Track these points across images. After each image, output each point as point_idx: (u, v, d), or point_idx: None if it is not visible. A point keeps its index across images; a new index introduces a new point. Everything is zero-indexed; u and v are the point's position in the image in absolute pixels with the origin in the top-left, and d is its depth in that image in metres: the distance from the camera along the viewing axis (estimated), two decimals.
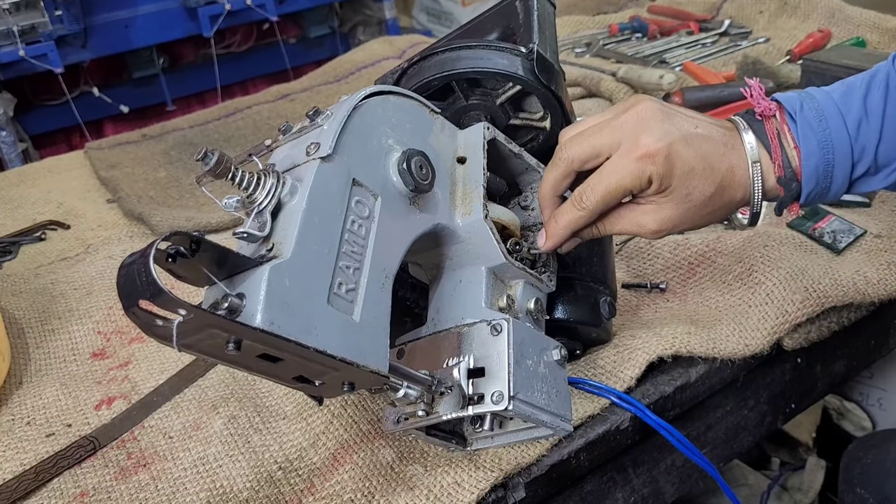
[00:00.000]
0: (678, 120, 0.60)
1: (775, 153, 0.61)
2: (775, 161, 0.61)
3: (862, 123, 0.61)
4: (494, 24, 0.76)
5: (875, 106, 0.61)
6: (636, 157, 0.58)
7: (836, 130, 0.60)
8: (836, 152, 0.61)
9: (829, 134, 0.60)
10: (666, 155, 0.57)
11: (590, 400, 0.69)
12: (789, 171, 0.61)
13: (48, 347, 0.87)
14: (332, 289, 0.49)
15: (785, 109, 0.62)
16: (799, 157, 0.61)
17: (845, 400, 1.40)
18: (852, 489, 0.94)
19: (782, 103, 0.62)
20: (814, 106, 0.61)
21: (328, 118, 0.53)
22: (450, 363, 0.56)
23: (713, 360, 0.74)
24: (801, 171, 0.61)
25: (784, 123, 0.61)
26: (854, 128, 0.61)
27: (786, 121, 0.61)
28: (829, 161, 0.61)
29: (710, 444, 0.81)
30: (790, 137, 0.61)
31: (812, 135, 0.60)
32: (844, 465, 0.98)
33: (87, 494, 0.67)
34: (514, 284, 0.63)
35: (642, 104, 0.60)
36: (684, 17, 1.61)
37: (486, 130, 0.63)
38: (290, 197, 0.49)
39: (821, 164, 0.61)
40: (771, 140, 0.61)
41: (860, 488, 0.93)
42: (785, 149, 0.61)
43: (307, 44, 2.78)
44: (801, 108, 0.61)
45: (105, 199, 1.21)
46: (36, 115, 2.37)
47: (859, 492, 0.93)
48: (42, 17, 2.10)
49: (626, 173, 0.58)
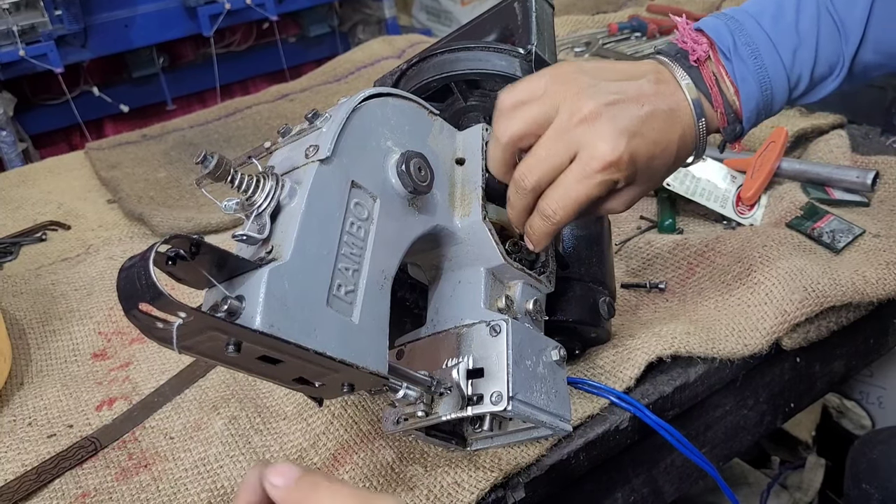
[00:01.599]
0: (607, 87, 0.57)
1: (716, 100, 0.60)
2: (717, 109, 0.60)
3: (797, 51, 0.60)
4: (493, 25, 0.77)
5: (807, 30, 0.61)
6: (598, 169, 0.55)
7: (771, 65, 0.60)
8: (773, 87, 0.61)
9: (766, 70, 0.60)
10: (628, 160, 0.56)
11: (589, 400, 0.69)
12: (731, 115, 0.61)
13: (49, 348, 0.88)
14: (332, 290, 0.49)
15: (718, 48, 0.61)
16: (739, 99, 0.60)
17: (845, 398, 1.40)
18: (858, 485, 0.94)
19: (714, 41, 0.61)
20: (746, 41, 0.60)
21: (327, 120, 0.53)
22: (449, 364, 0.57)
23: (712, 359, 0.74)
24: (741, 113, 0.61)
25: (720, 65, 0.60)
26: (789, 58, 0.60)
27: (721, 62, 0.60)
28: (768, 97, 0.61)
29: (709, 443, 0.81)
30: (728, 81, 0.60)
31: (750, 76, 0.60)
32: (851, 460, 0.98)
33: (88, 495, 0.67)
34: (512, 285, 0.63)
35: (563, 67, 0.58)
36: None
37: (484, 132, 0.63)
38: (289, 199, 0.49)
39: (761, 101, 0.61)
40: (710, 88, 0.60)
41: (866, 484, 0.93)
42: (725, 94, 0.60)
43: (307, 43, 2.78)
44: (734, 46, 0.60)
45: (105, 200, 1.21)
46: (36, 115, 2.37)
47: (865, 487, 0.93)
48: (42, 16, 2.10)
49: (592, 186, 0.56)
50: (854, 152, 1.01)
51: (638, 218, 0.99)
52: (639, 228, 0.97)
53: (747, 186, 0.95)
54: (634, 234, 0.95)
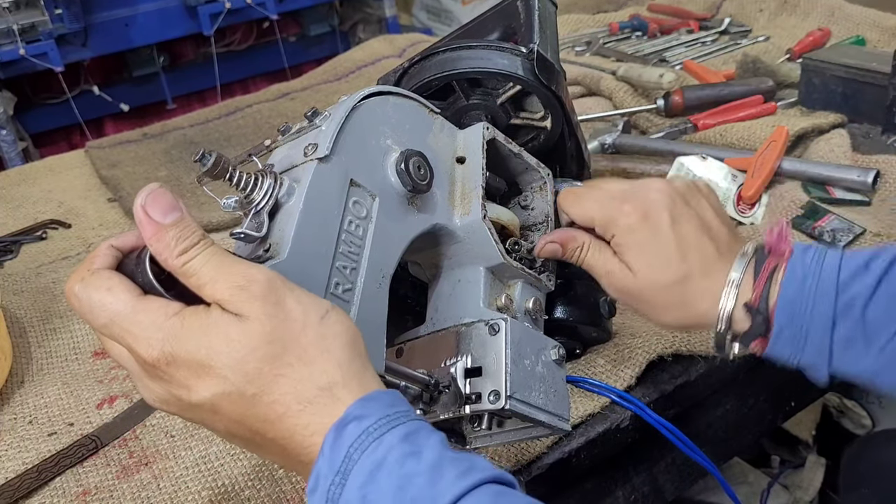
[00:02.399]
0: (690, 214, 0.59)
1: (759, 282, 0.56)
2: (756, 290, 0.56)
3: (856, 276, 0.54)
4: (495, 23, 0.77)
5: (876, 266, 0.54)
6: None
7: (826, 273, 0.54)
8: (818, 293, 0.54)
9: (819, 273, 0.54)
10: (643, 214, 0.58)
11: (590, 398, 0.69)
12: (763, 304, 0.55)
13: (50, 346, 0.88)
14: (329, 289, 0.49)
15: (793, 251, 0.57)
16: (779, 291, 0.55)
17: (845, 398, 1.40)
18: (855, 488, 0.94)
19: (794, 248, 0.57)
20: (819, 252, 0.56)
21: (326, 119, 0.53)
22: (448, 362, 0.57)
23: (713, 358, 0.74)
24: (775, 306, 0.55)
25: (784, 263, 0.56)
26: (847, 277, 0.54)
27: (786, 261, 0.56)
28: (808, 301, 0.54)
29: (710, 442, 0.81)
30: (780, 277, 0.55)
31: (800, 267, 0.55)
32: (846, 464, 0.98)
33: (89, 493, 0.67)
34: (512, 284, 0.63)
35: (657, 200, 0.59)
36: (684, 16, 1.61)
37: (485, 130, 0.63)
38: (287, 197, 0.49)
39: (797, 298, 0.54)
40: (763, 271, 0.56)
41: (863, 487, 0.93)
42: (770, 284, 0.56)
43: (307, 42, 2.78)
44: (804, 249, 0.56)
45: (106, 198, 1.21)
46: (36, 114, 2.37)
47: (862, 491, 0.93)
48: (42, 15, 2.09)
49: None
50: (855, 151, 1.01)
51: None
52: None
53: (748, 185, 0.95)
54: None
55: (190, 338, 0.40)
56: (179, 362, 0.41)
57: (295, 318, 0.42)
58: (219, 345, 0.40)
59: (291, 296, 0.42)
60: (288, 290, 0.43)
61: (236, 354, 0.40)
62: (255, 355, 0.40)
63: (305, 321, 0.42)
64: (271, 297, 0.41)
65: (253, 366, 0.40)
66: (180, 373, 0.41)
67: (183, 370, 0.41)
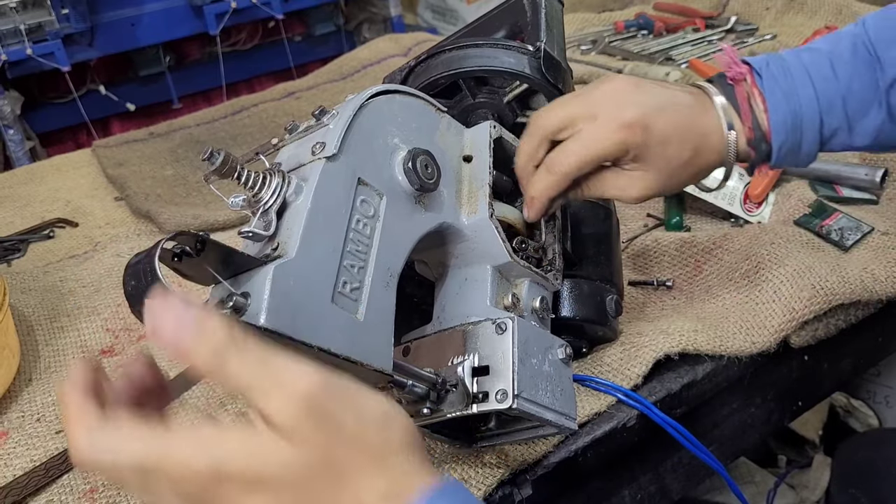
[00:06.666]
0: (650, 90, 0.62)
1: (745, 115, 0.62)
2: (745, 123, 0.62)
3: (828, 77, 0.62)
4: (502, 21, 0.77)
5: (842, 60, 0.62)
6: (614, 128, 0.59)
7: (800, 82, 0.62)
8: (802, 104, 0.62)
9: (794, 85, 0.62)
10: (643, 126, 0.59)
11: (596, 397, 0.69)
12: (759, 133, 0.62)
13: (57, 344, 0.88)
14: (337, 288, 0.49)
15: (753, 69, 0.63)
16: (767, 114, 0.62)
17: (852, 398, 1.39)
18: (845, 489, 0.94)
19: (752, 65, 0.64)
20: (780, 63, 0.63)
21: (334, 117, 0.53)
22: (455, 361, 0.57)
23: (720, 357, 0.73)
24: (769, 130, 0.62)
25: (754, 86, 0.63)
26: (820, 80, 0.62)
27: (755, 83, 0.63)
28: (797, 113, 0.62)
29: (716, 441, 0.81)
30: (760, 100, 0.62)
31: (777, 88, 0.62)
32: (836, 464, 0.97)
33: (96, 491, 0.67)
34: (519, 283, 0.63)
35: (615, 80, 0.62)
36: (690, 14, 1.60)
37: (492, 129, 0.63)
38: (295, 196, 0.49)
39: (788, 116, 0.62)
40: (741, 103, 0.62)
41: (853, 488, 0.92)
42: (755, 111, 0.62)
43: (312, 41, 2.78)
44: (766, 66, 0.63)
45: (113, 197, 1.22)
46: (43, 114, 2.37)
47: (852, 492, 0.92)
48: (49, 15, 2.10)
49: (605, 142, 0.60)
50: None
51: (645, 216, 0.99)
52: (646, 226, 0.97)
53: (755, 184, 0.94)
54: (642, 232, 0.95)
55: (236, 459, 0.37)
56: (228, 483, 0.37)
57: (351, 432, 0.38)
58: (270, 470, 0.37)
59: (346, 403, 0.38)
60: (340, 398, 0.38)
61: (289, 480, 0.37)
62: (310, 484, 0.37)
63: (363, 432, 0.38)
64: (324, 411, 0.37)
65: (309, 493, 0.37)
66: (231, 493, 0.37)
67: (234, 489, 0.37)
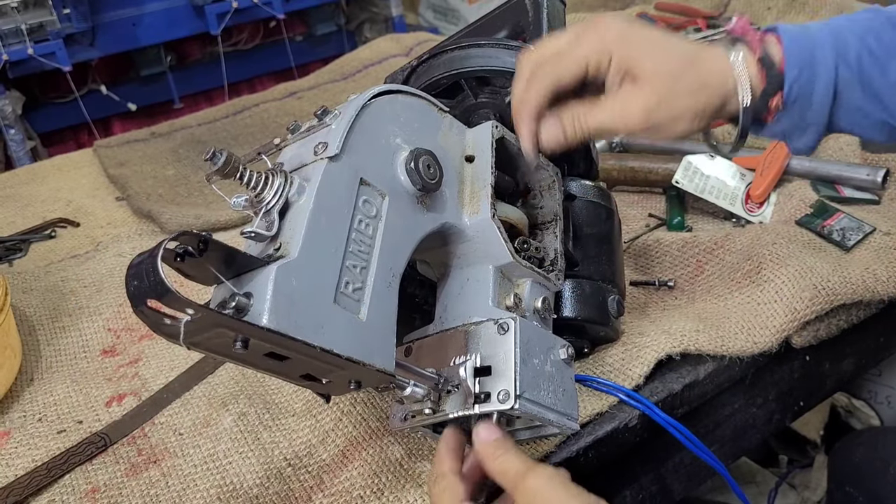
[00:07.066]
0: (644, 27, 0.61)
1: (755, 45, 0.61)
2: (755, 48, 0.60)
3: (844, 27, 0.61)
4: (504, 21, 0.77)
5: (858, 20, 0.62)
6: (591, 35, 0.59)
7: (815, 28, 0.61)
8: (816, 43, 0.60)
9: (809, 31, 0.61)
10: (620, 33, 0.59)
11: (598, 398, 0.69)
12: (768, 59, 0.60)
13: (59, 344, 0.88)
14: (339, 288, 0.49)
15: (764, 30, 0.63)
16: (780, 46, 0.60)
17: (853, 398, 1.39)
18: (841, 487, 0.93)
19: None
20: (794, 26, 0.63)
21: (336, 117, 0.53)
22: (457, 361, 0.57)
23: (722, 357, 0.73)
24: (783, 58, 0.60)
25: (766, 33, 0.62)
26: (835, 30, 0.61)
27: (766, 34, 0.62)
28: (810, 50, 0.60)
29: (718, 441, 0.81)
30: (774, 39, 0.61)
31: (791, 31, 0.61)
32: (832, 463, 0.97)
33: (98, 490, 0.67)
34: (521, 283, 0.63)
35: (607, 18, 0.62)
36: (692, 14, 1.60)
37: (494, 129, 0.63)
38: (297, 196, 0.49)
39: (804, 51, 0.60)
40: (751, 41, 0.61)
41: (849, 487, 0.92)
42: (765, 43, 0.61)
43: (314, 41, 2.79)
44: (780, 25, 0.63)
45: (114, 197, 1.22)
46: (44, 113, 2.38)
47: (848, 490, 0.92)
48: (50, 15, 2.10)
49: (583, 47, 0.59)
50: (864, 150, 1.01)
51: (647, 216, 0.99)
52: (648, 226, 0.97)
53: (757, 184, 0.94)
54: (643, 232, 0.95)
55: None
56: None
57: None
58: None
59: None
60: None
61: None
62: None
63: None
64: None
65: None
66: None
67: None
